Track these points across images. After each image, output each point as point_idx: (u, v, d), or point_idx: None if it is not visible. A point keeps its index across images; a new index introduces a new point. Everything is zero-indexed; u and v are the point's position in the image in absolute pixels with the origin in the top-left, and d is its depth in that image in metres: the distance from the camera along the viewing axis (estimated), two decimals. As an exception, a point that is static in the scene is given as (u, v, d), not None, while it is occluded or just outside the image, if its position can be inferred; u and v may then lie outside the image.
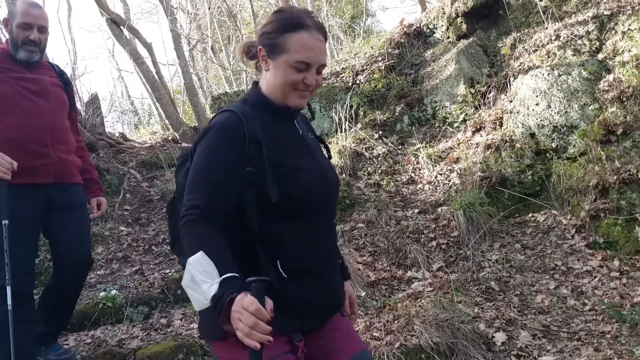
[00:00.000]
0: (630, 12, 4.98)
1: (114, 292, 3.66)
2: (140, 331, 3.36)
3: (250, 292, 1.21)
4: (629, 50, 4.71)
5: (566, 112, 4.71)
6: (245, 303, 1.18)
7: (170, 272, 4.05)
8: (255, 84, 1.58)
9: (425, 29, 7.10)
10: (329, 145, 1.71)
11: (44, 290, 2.80)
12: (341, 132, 6.00)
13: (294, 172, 1.43)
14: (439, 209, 4.72)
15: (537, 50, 5.40)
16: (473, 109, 5.69)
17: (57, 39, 36.86)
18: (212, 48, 14.13)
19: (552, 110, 4.79)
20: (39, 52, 2.63)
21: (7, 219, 2.35)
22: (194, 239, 1.31)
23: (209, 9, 13.36)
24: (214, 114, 1.53)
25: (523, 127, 4.95)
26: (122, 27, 7.81)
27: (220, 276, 1.24)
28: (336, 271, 1.61)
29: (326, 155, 1.68)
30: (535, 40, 5.51)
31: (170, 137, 7.49)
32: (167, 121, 7.78)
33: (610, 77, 4.67)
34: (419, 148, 5.60)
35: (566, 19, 5.50)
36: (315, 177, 1.48)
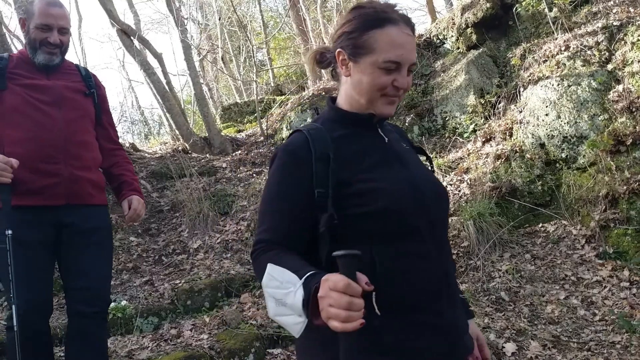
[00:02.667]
0: (639, 22, 4.97)
1: (124, 302, 3.69)
2: (150, 342, 3.38)
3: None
4: (639, 61, 4.70)
5: (576, 122, 4.70)
6: (331, 283, 0.98)
7: (180, 283, 4.07)
8: (329, 98, 1.40)
9: (435, 40, 7.12)
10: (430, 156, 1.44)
11: (65, 342, 2.39)
12: (350, 142, 6.01)
13: (375, 184, 1.21)
14: (449, 219, 4.72)
15: (546, 60, 5.40)
16: (483, 119, 5.70)
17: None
18: (222, 58, 14.26)
19: (561, 121, 4.78)
20: (59, 54, 2.35)
21: (11, 228, 2.08)
22: (262, 263, 1.14)
23: (220, 19, 13.50)
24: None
25: (533, 137, 4.95)
26: (132, 38, 7.91)
27: (301, 278, 1.05)
28: (456, 307, 1.30)
29: (425, 166, 1.42)
30: (545, 50, 5.51)
31: (180, 148, 7.55)
32: (177, 131, 7.84)
33: (620, 87, 4.66)
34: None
35: (576, 30, 5.50)
36: (402, 188, 1.23)
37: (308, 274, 1.05)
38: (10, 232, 2.06)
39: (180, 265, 4.51)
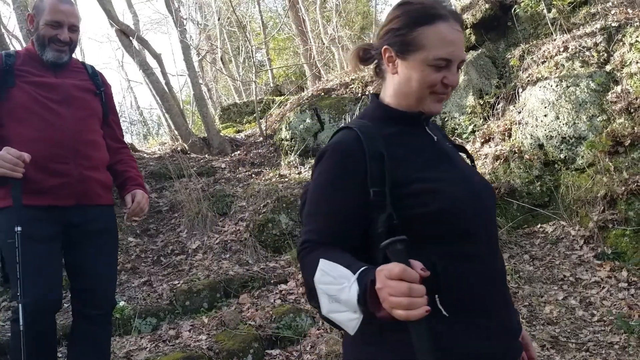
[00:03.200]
0: (638, 24, 4.98)
1: (122, 303, 3.68)
2: (148, 343, 3.38)
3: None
4: (637, 62, 4.71)
5: (574, 123, 4.71)
6: (386, 272, 0.96)
7: (178, 284, 4.07)
8: (375, 96, 1.37)
9: (433, 40, 7.12)
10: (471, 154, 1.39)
11: (68, 344, 2.37)
12: (349, 143, 6.02)
13: (430, 185, 1.18)
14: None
15: (545, 61, 5.41)
16: (482, 120, 5.70)
17: (69, 50, 37.24)
18: (221, 59, 14.26)
19: (560, 122, 4.79)
20: (68, 52, 2.32)
21: (20, 225, 2.04)
22: (312, 260, 1.11)
23: (219, 20, 13.50)
24: (332, 134, 1.30)
25: (532, 138, 4.95)
26: (131, 38, 7.91)
27: (355, 272, 1.02)
28: (513, 314, 1.27)
29: (470, 165, 1.38)
30: (544, 51, 5.52)
31: (179, 148, 7.55)
32: (176, 132, 7.84)
33: (618, 88, 4.67)
34: (427, 159, 5.61)
35: (574, 31, 5.51)
36: (457, 188, 1.20)
37: (362, 268, 1.02)
38: (19, 228, 2.03)
39: (178, 265, 4.51)
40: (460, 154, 1.40)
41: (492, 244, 1.24)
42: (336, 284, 1.03)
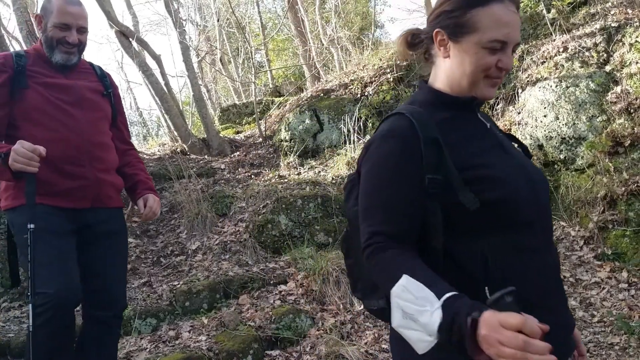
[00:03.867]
0: (637, 24, 4.98)
1: (122, 303, 3.67)
2: (148, 343, 3.37)
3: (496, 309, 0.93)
4: (637, 62, 4.71)
5: (574, 123, 4.71)
6: (501, 319, 0.90)
7: (178, 284, 4.06)
8: (423, 81, 1.33)
9: (432, 41, 7.13)
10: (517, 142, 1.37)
11: (77, 346, 2.29)
12: (350, 143, 6.03)
13: (488, 172, 1.13)
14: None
15: (545, 62, 5.41)
16: (481, 120, 5.70)
17: (68, 51, 37.21)
18: (220, 60, 14.25)
19: (560, 122, 4.79)
20: (77, 53, 2.29)
21: (33, 222, 1.98)
22: (389, 265, 1.07)
23: (218, 21, 13.50)
24: (380, 121, 1.25)
25: (531, 138, 4.95)
26: (131, 39, 7.90)
27: (440, 298, 0.97)
28: (567, 307, 1.24)
29: (524, 154, 1.33)
30: (543, 52, 5.52)
31: (179, 149, 7.54)
32: (175, 133, 7.83)
33: (618, 88, 4.67)
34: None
35: (574, 31, 5.51)
36: (515, 177, 1.16)
37: (447, 295, 0.97)
38: (32, 226, 1.98)
39: (178, 266, 4.50)
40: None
41: (547, 235, 1.21)
42: (417, 304, 0.99)
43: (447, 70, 1.24)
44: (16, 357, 3.21)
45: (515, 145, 1.35)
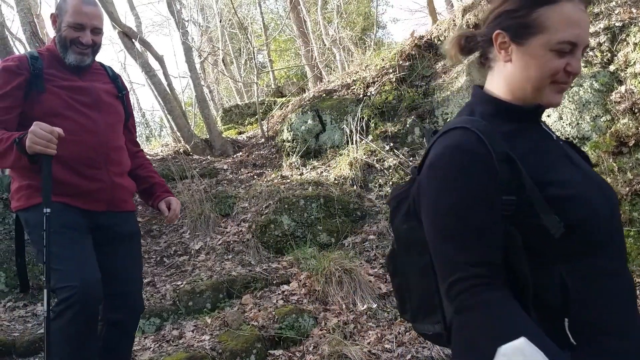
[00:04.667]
0: (641, 23, 4.97)
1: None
2: (152, 343, 3.37)
3: None
4: (641, 62, 4.70)
5: (578, 123, 4.70)
6: None
7: (181, 284, 4.07)
8: (478, 88, 1.23)
9: (436, 41, 7.12)
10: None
11: None
12: (352, 144, 6.02)
13: (566, 190, 1.03)
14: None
15: (547, 61, 5.40)
16: (484, 120, 5.69)
17: (70, 52, 37.36)
18: (223, 60, 14.27)
19: (563, 122, 4.78)
20: (91, 54, 2.26)
21: (50, 207, 1.96)
22: (498, 315, 0.94)
23: (220, 21, 13.51)
24: (436, 136, 1.13)
25: (534, 138, 4.95)
26: (133, 40, 7.92)
27: None
28: None
29: (589, 166, 1.21)
30: (546, 51, 5.51)
31: (181, 150, 7.55)
32: (178, 133, 7.84)
33: (622, 88, 4.66)
34: (429, 160, 5.61)
35: (577, 31, 5.50)
36: (592, 193, 1.06)
37: None
38: (48, 210, 1.96)
39: (181, 266, 4.50)
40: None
41: (623, 255, 1.13)
42: None
43: (508, 76, 1.14)
44: (21, 357, 3.21)
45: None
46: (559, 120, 4.81)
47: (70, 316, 1.92)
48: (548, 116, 4.87)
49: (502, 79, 1.15)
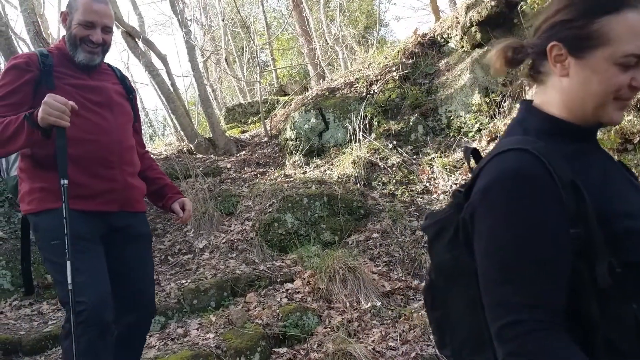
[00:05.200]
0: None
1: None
2: (157, 341, 3.38)
3: None
4: (645, 58, 4.69)
5: (582, 120, 4.69)
6: None
7: (186, 283, 4.08)
8: (528, 103, 1.12)
9: (439, 39, 7.11)
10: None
11: None
12: (355, 142, 6.02)
13: (635, 222, 0.94)
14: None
15: (551, 58, 5.38)
16: (488, 118, 5.68)
17: (74, 52, 37.42)
18: (225, 59, 14.28)
19: (567, 119, 4.77)
20: (101, 53, 2.23)
21: (67, 177, 1.94)
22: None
23: (223, 20, 13.52)
24: (488, 158, 1.02)
25: (538, 136, 4.93)
26: (137, 40, 7.93)
27: None
28: None
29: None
30: (550, 48, 5.50)
31: (185, 149, 7.56)
32: (182, 132, 7.85)
33: (626, 85, 4.65)
34: (433, 158, 5.60)
35: (580, 28, 5.49)
36: None
37: None
38: (65, 182, 1.94)
39: (186, 265, 4.51)
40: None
41: None
42: None
43: (565, 92, 1.03)
44: (27, 355, 3.23)
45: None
46: (562, 117, 4.80)
47: (84, 332, 1.89)
48: (552, 113, 4.86)
49: (558, 94, 1.05)
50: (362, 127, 6.13)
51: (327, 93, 7.18)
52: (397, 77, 6.69)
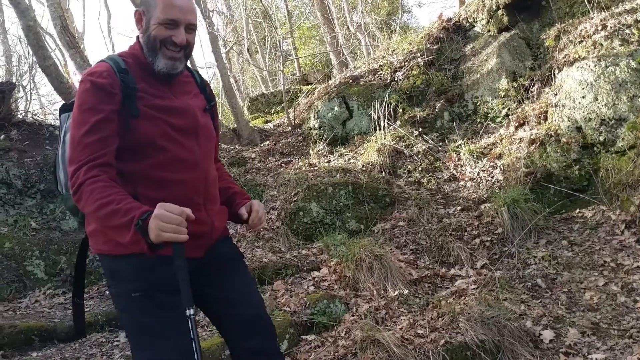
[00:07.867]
0: (681, -2, 4.78)
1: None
2: (186, 328, 3.42)
3: None
4: (681, 38, 4.52)
5: (614, 104, 4.55)
6: None
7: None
8: None
9: (464, 23, 6.99)
10: None
11: None
12: (380, 130, 5.98)
13: None
14: (482, 206, 4.64)
15: (582, 41, 5.24)
16: (516, 103, 5.57)
17: (98, 45, 38.14)
18: (248, 50, 14.29)
19: (599, 103, 4.64)
20: (183, 59, 1.82)
21: (192, 307, 1.59)
22: None
23: (245, 10, 13.52)
24: None
25: (569, 120, 4.82)
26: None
27: None
28: None
29: None
30: (581, 30, 5.35)
31: (210, 138, 7.61)
32: (206, 123, 7.91)
33: (661, 66, 4.50)
34: (460, 144, 5.53)
35: (613, 8, 5.32)
36: None
37: None
38: (192, 312, 1.59)
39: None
40: None
41: None
42: None
43: None
44: (62, 342, 3.30)
45: None
46: (594, 101, 4.67)
47: None
48: (583, 97, 4.74)
49: None
50: (386, 114, 6.08)
51: (351, 81, 7.13)
52: (421, 63, 6.61)
